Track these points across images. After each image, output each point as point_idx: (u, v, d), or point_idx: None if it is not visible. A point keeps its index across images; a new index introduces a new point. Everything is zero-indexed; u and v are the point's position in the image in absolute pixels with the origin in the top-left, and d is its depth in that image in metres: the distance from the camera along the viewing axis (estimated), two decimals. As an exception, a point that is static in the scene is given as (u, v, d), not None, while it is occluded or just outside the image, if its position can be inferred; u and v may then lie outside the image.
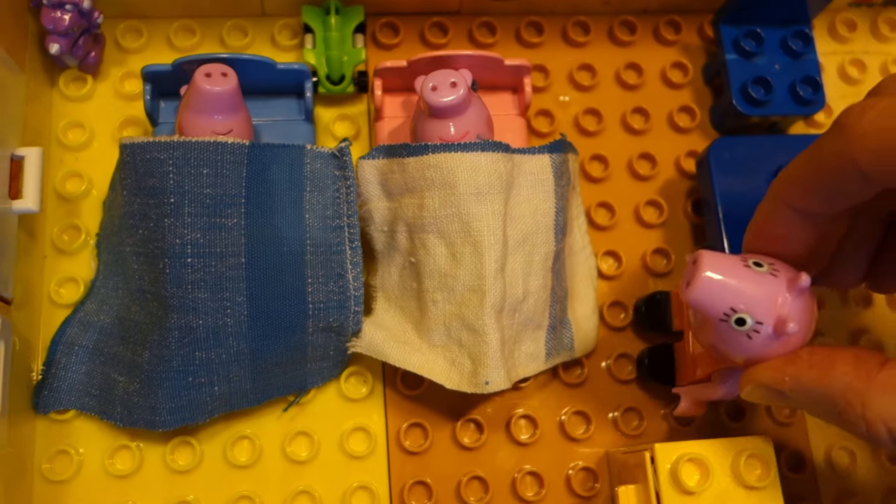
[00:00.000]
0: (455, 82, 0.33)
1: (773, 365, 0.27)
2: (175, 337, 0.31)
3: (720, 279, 0.27)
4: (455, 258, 0.32)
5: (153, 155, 0.31)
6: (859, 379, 0.25)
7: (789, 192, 0.27)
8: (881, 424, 0.25)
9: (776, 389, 0.27)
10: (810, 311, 0.28)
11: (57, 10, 0.35)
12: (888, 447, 0.25)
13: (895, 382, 0.25)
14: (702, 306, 0.27)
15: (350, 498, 0.35)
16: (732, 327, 0.27)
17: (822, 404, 0.26)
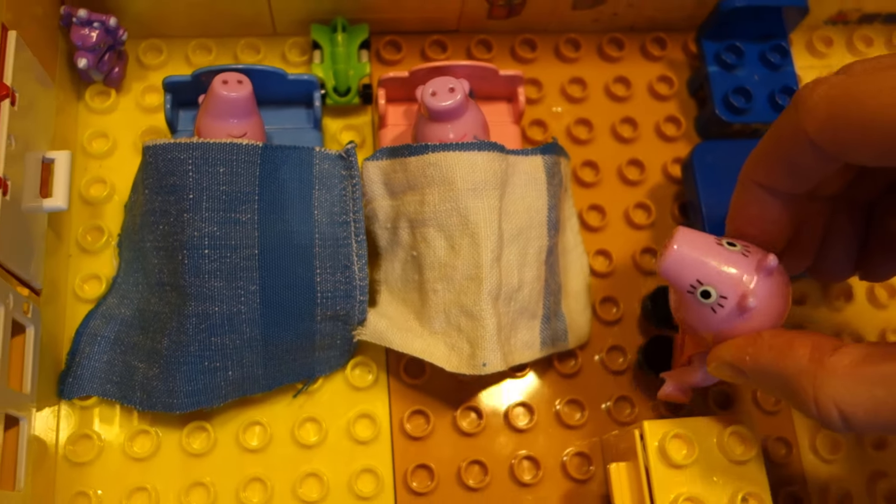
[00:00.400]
0: (453, 88, 0.35)
1: (735, 343, 0.29)
2: (192, 323, 0.34)
3: (689, 253, 0.29)
4: (454, 250, 0.34)
5: (174, 155, 0.34)
6: (813, 362, 0.26)
7: (755, 170, 0.29)
8: (832, 406, 0.25)
9: (737, 367, 0.29)
10: (780, 296, 0.29)
11: (85, 27, 0.38)
12: (839, 429, 0.26)
13: (845, 366, 0.25)
14: (671, 277, 0.29)
15: (356, 480, 0.36)
16: (699, 300, 0.29)
17: (777, 385, 0.27)
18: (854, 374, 0.25)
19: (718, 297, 0.29)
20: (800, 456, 0.39)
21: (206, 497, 0.36)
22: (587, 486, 0.38)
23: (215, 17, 0.42)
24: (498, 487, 0.37)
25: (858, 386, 0.25)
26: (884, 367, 0.25)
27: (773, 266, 0.29)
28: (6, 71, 0.32)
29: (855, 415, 0.25)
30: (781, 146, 0.28)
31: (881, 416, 0.25)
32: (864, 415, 0.25)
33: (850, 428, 0.26)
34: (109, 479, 0.36)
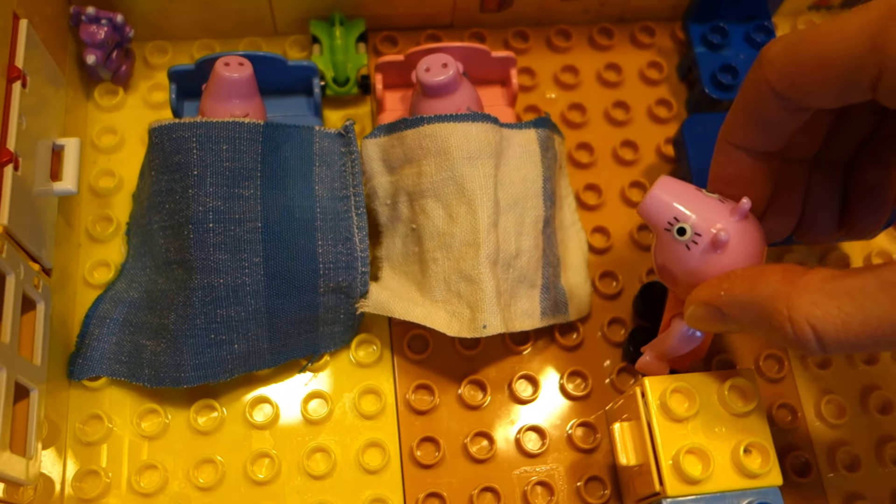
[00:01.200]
0: (446, 64, 0.37)
1: (709, 282, 0.30)
2: (198, 297, 0.34)
3: (668, 194, 0.30)
4: (452, 218, 0.35)
5: (179, 134, 0.35)
6: (785, 284, 0.27)
7: (729, 131, 0.30)
8: (805, 324, 0.26)
9: (714, 307, 0.29)
10: (754, 242, 0.30)
11: (93, 24, 0.40)
12: (814, 349, 0.26)
13: (816, 284, 0.26)
14: (650, 216, 0.31)
15: (363, 454, 0.37)
16: (675, 238, 0.30)
17: (753, 314, 0.28)
18: (824, 289, 0.26)
19: (693, 234, 0.30)
20: (805, 422, 0.39)
21: (215, 473, 0.36)
22: (593, 456, 0.38)
23: (218, 18, 0.44)
24: (504, 458, 0.37)
25: (829, 301, 0.25)
26: (851, 282, 0.25)
27: (746, 208, 0.30)
28: (18, 55, 0.33)
29: (826, 331, 0.25)
30: (749, 103, 0.29)
31: (851, 330, 0.25)
32: (834, 331, 0.25)
33: (823, 346, 0.26)
34: (119, 458, 0.36)
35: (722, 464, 0.32)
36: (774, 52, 0.28)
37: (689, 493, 0.32)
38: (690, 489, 0.32)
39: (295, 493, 0.36)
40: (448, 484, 0.37)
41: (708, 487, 0.32)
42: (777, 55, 0.27)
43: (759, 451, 0.32)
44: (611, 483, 0.37)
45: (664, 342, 0.34)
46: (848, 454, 0.38)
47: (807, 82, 0.27)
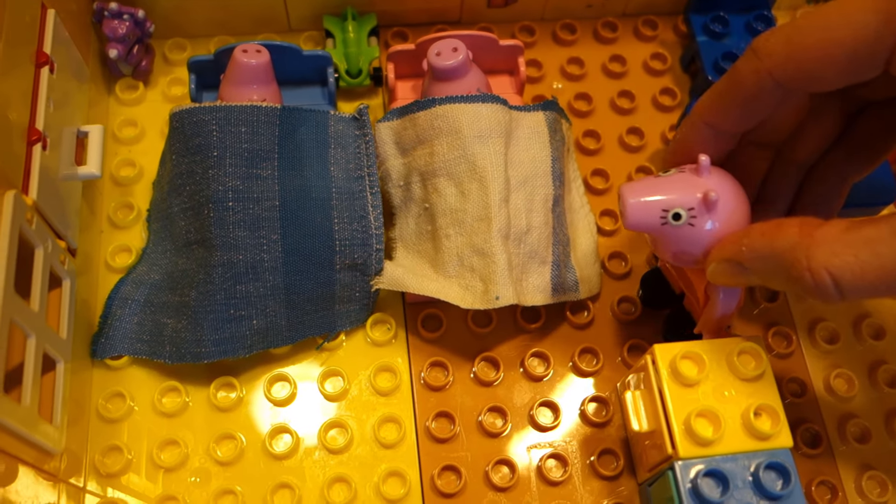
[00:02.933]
0: (456, 48, 0.38)
1: (730, 239, 0.31)
2: (218, 273, 0.35)
3: (641, 198, 0.32)
4: (464, 195, 0.36)
5: (199, 117, 0.36)
6: (803, 236, 0.28)
7: (708, 111, 0.32)
8: (824, 272, 0.27)
9: (736, 262, 0.30)
10: (733, 190, 0.32)
11: (115, 19, 0.41)
12: (833, 296, 0.27)
13: (833, 234, 0.27)
14: (640, 224, 0.32)
15: (379, 429, 0.37)
16: (675, 226, 0.31)
17: (773, 265, 0.29)
18: (841, 239, 0.27)
19: (688, 213, 0.31)
20: (815, 395, 0.40)
21: (235, 447, 0.37)
22: (605, 430, 0.38)
23: (234, 16, 0.45)
24: (518, 433, 0.38)
25: (845, 249, 0.27)
26: (866, 231, 0.26)
27: (706, 163, 0.31)
28: (46, 42, 0.35)
29: (843, 277, 0.27)
30: (741, 89, 0.30)
31: (867, 276, 0.26)
32: (851, 277, 0.26)
33: (841, 293, 0.27)
34: (140, 434, 0.37)
35: (733, 426, 0.32)
36: (774, 43, 0.29)
37: (700, 454, 0.32)
38: (702, 451, 0.32)
39: (313, 467, 0.37)
40: (463, 458, 0.37)
41: (719, 449, 0.32)
42: (778, 46, 0.29)
43: (769, 414, 0.33)
44: (623, 456, 0.38)
45: (712, 312, 0.34)
46: (858, 426, 0.39)
47: (814, 67, 0.28)
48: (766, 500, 0.31)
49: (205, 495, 0.36)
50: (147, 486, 0.36)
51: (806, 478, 0.38)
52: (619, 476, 0.37)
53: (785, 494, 0.31)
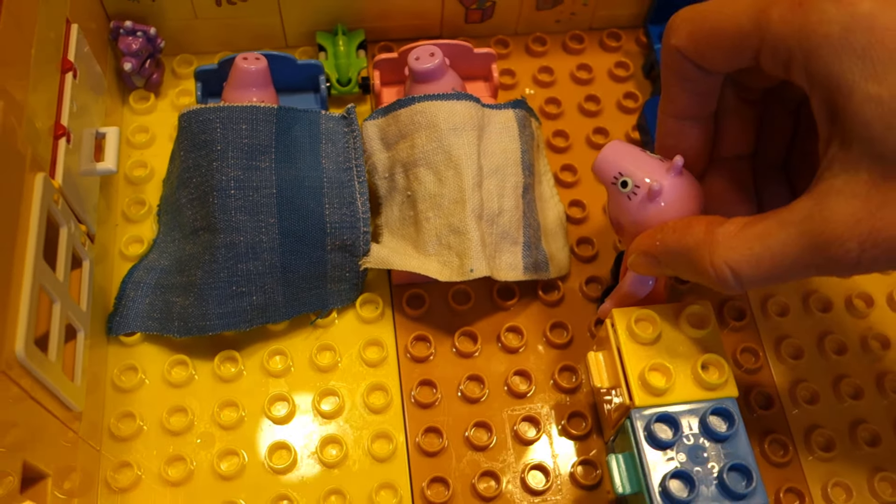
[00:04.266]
0: (433, 53, 0.43)
1: (646, 233, 0.35)
2: (222, 254, 0.39)
3: (614, 153, 0.36)
4: (441, 181, 0.41)
5: (205, 116, 0.41)
6: (707, 234, 0.32)
7: (664, 104, 0.36)
8: (724, 266, 0.30)
9: (651, 255, 0.34)
10: (689, 196, 0.35)
11: (130, 36, 0.46)
12: (733, 286, 0.31)
13: (731, 231, 0.31)
14: (599, 172, 0.36)
15: (368, 396, 0.41)
16: (619, 190, 0.35)
17: (682, 261, 0.33)
18: (737, 235, 0.31)
19: (633, 186, 0.35)
20: (768, 363, 0.43)
21: (237, 413, 0.40)
22: (575, 396, 0.42)
23: (236, 34, 0.50)
24: (495, 399, 0.42)
25: (741, 244, 0.30)
26: (758, 227, 0.30)
27: (680, 164, 0.35)
28: (70, 52, 0.40)
29: (741, 270, 0.30)
30: (668, 69, 0.34)
31: (761, 267, 0.30)
32: (748, 268, 0.30)
33: (740, 283, 0.31)
34: (151, 402, 0.41)
35: (683, 378, 0.36)
36: (678, 21, 0.33)
37: (654, 402, 0.36)
38: (656, 400, 0.36)
39: (308, 431, 0.40)
40: (444, 421, 0.41)
41: (671, 398, 0.36)
42: (680, 25, 0.33)
43: (716, 367, 0.36)
44: (592, 418, 0.41)
45: (620, 288, 0.38)
46: (808, 389, 0.42)
47: (705, 49, 0.32)
48: (713, 441, 0.35)
49: (209, 456, 0.39)
50: (157, 448, 0.39)
51: (774, 485, 0.40)
52: (588, 436, 0.41)
53: (730, 435, 0.35)
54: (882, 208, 0.27)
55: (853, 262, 0.28)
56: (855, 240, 0.28)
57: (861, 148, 0.28)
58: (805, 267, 0.29)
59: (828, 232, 0.28)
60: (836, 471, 0.41)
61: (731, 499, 0.34)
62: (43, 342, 0.34)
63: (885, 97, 0.27)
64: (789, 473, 0.41)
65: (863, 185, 0.28)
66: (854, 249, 0.28)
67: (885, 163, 0.27)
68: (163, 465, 0.39)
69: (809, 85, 0.29)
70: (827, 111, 0.29)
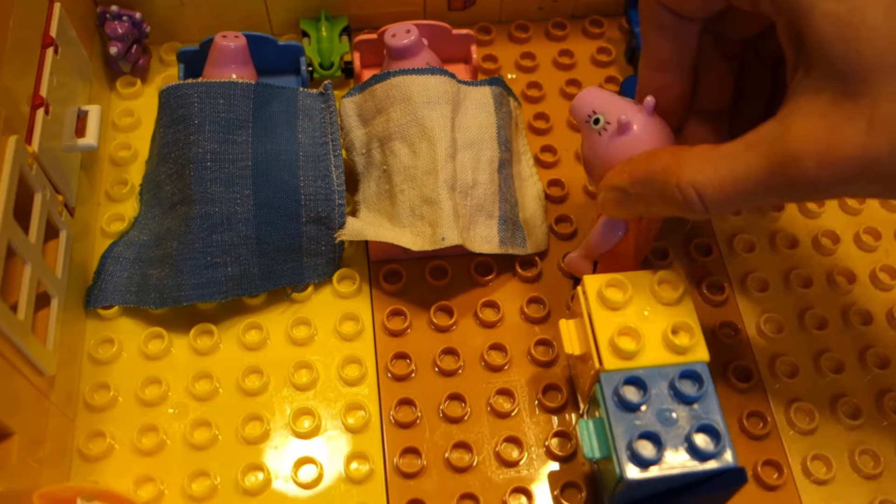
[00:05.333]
0: (409, 30, 0.43)
1: (615, 168, 0.35)
2: (197, 224, 0.40)
3: (590, 93, 0.37)
4: (415, 153, 0.41)
5: (182, 92, 0.42)
6: (673, 158, 0.32)
7: (644, 58, 0.36)
8: (690, 188, 0.31)
9: (620, 189, 0.34)
10: (658, 135, 0.36)
11: (116, 20, 0.47)
12: (699, 209, 0.31)
13: (698, 153, 0.31)
14: (575, 111, 0.37)
15: (343, 368, 0.41)
16: (592, 128, 0.36)
17: (651, 187, 0.33)
18: (703, 156, 0.31)
19: (605, 123, 0.36)
20: (747, 336, 0.43)
21: (211, 385, 0.40)
22: (552, 370, 0.42)
23: (221, 21, 0.51)
24: (471, 372, 0.42)
25: (706, 165, 0.31)
26: (724, 148, 0.31)
27: (651, 103, 0.35)
28: (52, 28, 0.41)
29: (707, 192, 0.31)
30: (647, 22, 0.35)
31: (724, 188, 0.30)
32: (712, 189, 0.30)
33: (706, 206, 0.31)
34: (127, 375, 0.41)
35: (653, 342, 0.36)
36: None
37: (624, 366, 0.35)
38: (625, 363, 0.35)
39: (282, 402, 0.40)
40: (419, 394, 0.41)
41: (641, 362, 0.35)
42: None
43: (686, 331, 0.36)
44: (567, 390, 0.41)
45: (589, 237, 0.39)
46: (788, 363, 0.42)
47: None
48: (682, 403, 0.35)
49: (181, 426, 0.39)
50: (130, 418, 0.40)
51: (737, 411, 0.41)
52: (564, 408, 0.41)
53: (699, 397, 0.34)
54: (839, 125, 0.27)
55: (810, 182, 0.28)
56: (813, 158, 0.28)
57: (822, 67, 0.28)
58: (767, 188, 0.29)
59: (788, 151, 0.28)
60: (816, 443, 0.40)
61: (699, 458, 0.33)
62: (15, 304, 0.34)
63: (842, 14, 0.27)
64: (768, 445, 0.40)
65: (823, 104, 0.28)
66: (812, 168, 0.28)
67: (845, 80, 0.27)
68: (135, 435, 0.39)
69: (775, 11, 0.30)
70: (792, 37, 0.29)
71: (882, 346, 0.42)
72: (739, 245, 0.45)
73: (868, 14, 0.27)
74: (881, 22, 0.27)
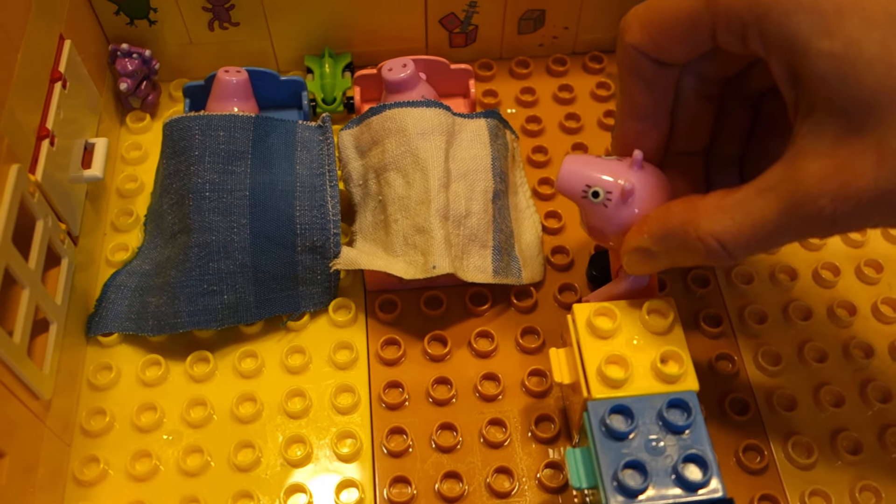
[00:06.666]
0: (405, 64, 0.44)
1: (633, 230, 0.35)
2: (195, 252, 0.41)
3: (575, 168, 0.36)
4: (409, 184, 0.42)
5: (185, 124, 0.43)
6: (689, 212, 0.32)
7: (622, 104, 0.36)
8: (710, 238, 0.31)
9: (642, 249, 0.34)
10: (657, 186, 0.36)
11: (126, 58, 0.49)
12: (722, 257, 0.31)
13: (712, 204, 0.31)
14: (567, 191, 0.37)
15: (336, 397, 0.41)
16: (592, 202, 0.36)
17: (672, 243, 0.33)
18: (718, 206, 0.31)
19: (605, 194, 0.35)
20: (745, 369, 0.42)
21: (205, 412, 0.41)
22: (544, 401, 0.42)
23: (230, 60, 0.52)
24: (463, 402, 0.41)
25: (723, 215, 0.31)
26: (737, 195, 0.31)
27: (639, 158, 0.35)
28: (61, 63, 0.42)
29: (727, 240, 0.31)
30: (626, 71, 0.35)
31: (744, 234, 0.30)
32: (732, 237, 0.31)
33: (728, 253, 0.31)
34: (124, 401, 0.41)
35: (641, 371, 0.36)
36: (630, 19, 0.34)
37: (612, 395, 0.35)
38: (614, 392, 0.35)
39: (274, 430, 0.40)
40: (411, 423, 0.41)
41: (630, 391, 0.35)
42: (632, 21, 0.34)
43: (676, 360, 0.36)
44: (560, 422, 0.41)
45: (613, 289, 0.38)
46: (785, 395, 0.41)
47: (660, 39, 0.33)
48: (670, 432, 0.34)
49: (175, 452, 0.40)
50: (125, 444, 0.40)
51: (734, 444, 0.40)
52: (556, 440, 0.40)
53: (688, 426, 0.34)
54: (849, 161, 0.28)
55: (828, 219, 0.28)
56: (827, 196, 0.28)
57: (823, 105, 0.28)
58: (785, 230, 0.30)
59: (800, 192, 0.28)
60: (815, 478, 0.39)
61: (686, 489, 0.33)
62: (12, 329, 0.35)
63: (838, 51, 0.27)
64: (765, 480, 0.39)
65: (829, 143, 0.28)
66: (827, 206, 0.28)
67: (846, 116, 0.28)
68: (129, 461, 0.39)
69: (767, 51, 0.30)
70: (787, 75, 0.29)
71: (885, 380, 0.42)
72: (738, 277, 0.45)
73: (864, 48, 0.27)
74: (878, 55, 0.27)
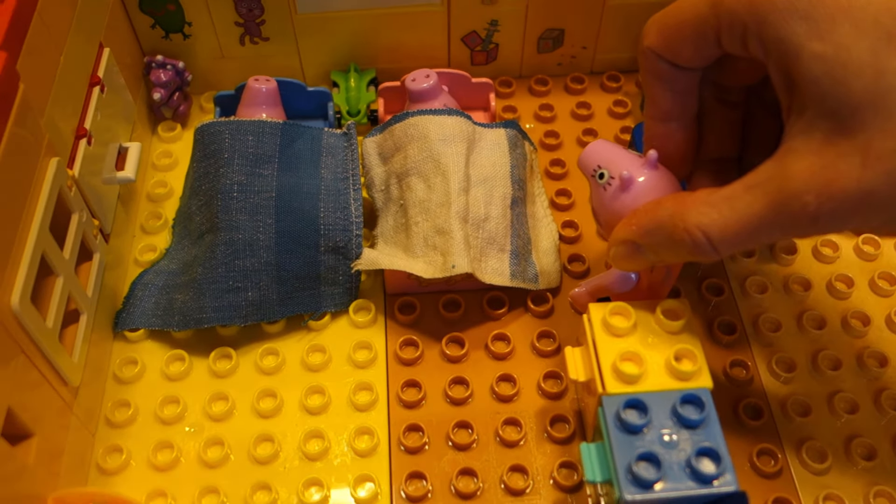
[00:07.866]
0: (428, 75, 0.46)
1: (623, 221, 0.36)
2: (221, 250, 0.42)
3: (596, 148, 0.38)
4: (430, 188, 0.43)
5: (215, 129, 0.44)
6: (678, 205, 0.33)
7: (648, 108, 0.37)
8: (697, 231, 0.32)
9: (630, 241, 0.35)
10: (663, 187, 0.37)
11: (160, 69, 0.51)
12: (709, 251, 0.32)
13: (700, 198, 0.32)
14: (582, 166, 0.38)
15: (354, 394, 0.42)
16: (598, 182, 0.37)
17: (659, 236, 0.34)
18: (706, 201, 0.32)
19: (609, 178, 0.37)
20: (759, 375, 0.43)
21: (226, 406, 0.42)
22: (560, 402, 0.42)
23: (258, 72, 0.53)
24: (479, 401, 0.42)
25: (710, 209, 0.32)
26: (725, 191, 0.32)
27: (654, 157, 0.36)
28: (100, 69, 0.44)
29: (713, 233, 0.31)
30: (647, 73, 0.36)
31: (730, 228, 0.31)
32: (719, 231, 0.31)
33: (714, 247, 0.32)
34: (149, 394, 0.42)
35: (656, 368, 0.36)
36: (648, 24, 0.35)
37: (626, 390, 0.36)
38: (628, 388, 0.36)
39: (293, 425, 0.41)
40: (428, 420, 0.41)
41: (643, 387, 0.36)
42: (650, 26, 0.35)
43: (689, 358, 0.36)
44: (575, 422, 0.41)
45: (602, 280, 0.39)
46: (799, 402, 0.41)
47: (673, 43, 0.34)
48: (684, 427, 0.35)
49: (196, 444, 0.40)
50: (148, 435, 0.41)
51: (748, 449, 0.40)
52: (571, 440, 0.41)
53: (701, 421, 0.34)
54: (835, 161, 0.28)
55: (811, 217, 0.29)
56: (812, 193, 0.29)
57: (814, 107, 0.29)
58: (770, 226, 0.30)
59: (787, 189, 0.29)
60: (829, 483, 0.39)
61: (699, 481, 0.33)
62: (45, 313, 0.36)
63: (829, 54, 0.28)
64: (779, 484, 0.39)
65: (818, 142, 0.29)
66: (811, 203, 0.29)
67: (836, 118, 0.28)
68: (151, 451, 0.40)
69: (765, 55, 0.31)
70: (783, 79, 0.30)
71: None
72: (752, 287, 0.46)
73: (854, 52, 0.28)
74: (867, 61, 0.28)
